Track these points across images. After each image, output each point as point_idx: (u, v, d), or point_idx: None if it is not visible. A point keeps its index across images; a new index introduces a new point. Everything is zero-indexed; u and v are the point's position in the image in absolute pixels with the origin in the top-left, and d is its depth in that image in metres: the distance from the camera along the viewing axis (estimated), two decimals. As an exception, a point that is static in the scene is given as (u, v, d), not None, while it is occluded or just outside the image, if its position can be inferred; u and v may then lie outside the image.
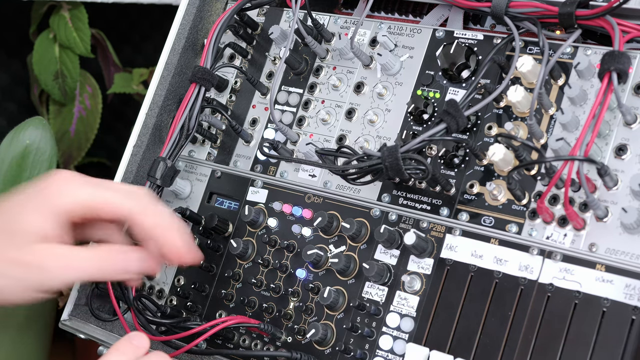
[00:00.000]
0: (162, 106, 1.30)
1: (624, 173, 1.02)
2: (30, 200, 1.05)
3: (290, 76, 1.26)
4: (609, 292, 0.98)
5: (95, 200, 1.05)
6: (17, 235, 1.03)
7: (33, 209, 1.04)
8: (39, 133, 1.47)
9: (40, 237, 1.03)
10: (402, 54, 1.19)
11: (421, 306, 1.08)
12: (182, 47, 1.31)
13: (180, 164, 1.31)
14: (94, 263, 1.05)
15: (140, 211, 1.06)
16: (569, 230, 1.03)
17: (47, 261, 1.03)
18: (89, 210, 1.05)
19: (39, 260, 1.03)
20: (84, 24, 1.84)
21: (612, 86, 0.99)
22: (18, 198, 1.06)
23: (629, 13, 1.05)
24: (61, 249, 1.04)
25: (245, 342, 1.17)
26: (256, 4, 1.28)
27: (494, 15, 1.10)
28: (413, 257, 1.10)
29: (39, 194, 1.05)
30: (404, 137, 1.15)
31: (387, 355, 1.09)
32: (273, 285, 1.17)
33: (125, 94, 1.94)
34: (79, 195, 1.05)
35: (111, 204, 1.05)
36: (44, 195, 1.04)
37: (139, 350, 1.01)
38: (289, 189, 1.21)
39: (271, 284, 1.18)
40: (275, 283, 1.18)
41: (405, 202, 1.13)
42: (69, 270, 1.04)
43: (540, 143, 1.07)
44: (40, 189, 1.05)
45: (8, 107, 2.02)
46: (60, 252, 1.04)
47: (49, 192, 1.04)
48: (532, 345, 1.00)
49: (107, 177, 1.15)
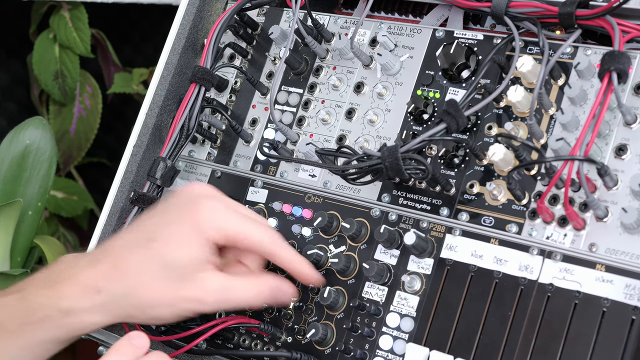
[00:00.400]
0: (162, 106, 1.30)
1: (624, 173, 1.02)
2: (181, 226, 1.05)
3: (290, 76, 1.26)
4: (609, 292, 0.98)
5: (240, 232, 1.07)
6: (174, 265, 1.04)
7: (187, 238, 1.05)
8: (39, 133, 1.47)
9: (197, 266, 1.05)
10: (402, 54, 1.19)
11: (421, 306, 1.08)
12: (182, 47, 1.31)
13: (180, 164, 1.31)
14: (250, 296, 1.08)
15: (274, 249, 1.09)
16: (569, 230, 1.03)
17: (207, 296, 1.05)
18: (231, 240, 1.07)
19: (200, 296, 1.04)
20: (84, 24, 1.84)
21: (612, 86, 0.99)
22: (165, 219, 1.06)
23: (629, 13, 1.05)
24: (219, 281, 1.05)
25: (245, 342, 1.17)
26: (256, 4, 1.28)
27: (494, 15, 1.10)
28: (413, 257, 1.10)
29: (190, 221, 1.05)
30: (404, 137, 1.15)
31: (387, 355, 1.08)
32: (273, 285, 1.17)
33: (125, 94, 1.94)
34: (227, 226, 1.06)
35: (251, 238, 1.07)
36: (195, 223, 1.05)
37: (139, 350, 1.01)
38: (289, 189, 1.21)
39: (271, 284, 1.18)
40: (275, 283, 1.18)
41: (405, 202, 1.13)
42: (225, 303, 1.07)
43: (540, 143, 1.07)
44: (189, 213, 1.06)
45: (8, 107, 2.02)
46: (219, 284, 1.05)
47: (201, 219, 1.05)
48: (532, 345, 1.00)
49: (107, 177, 1.15)
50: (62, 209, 1.90)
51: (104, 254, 1.07)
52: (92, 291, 1.04)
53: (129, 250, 1.05)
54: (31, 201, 1.46)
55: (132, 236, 1.07)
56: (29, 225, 1.47)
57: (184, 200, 1.08)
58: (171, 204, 1.08)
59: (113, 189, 1.29)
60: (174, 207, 1.08)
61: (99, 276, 1.04)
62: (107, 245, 1.08)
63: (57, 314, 1.04)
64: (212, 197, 1.08)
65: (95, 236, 1.28)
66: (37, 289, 1.05)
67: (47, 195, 1.47)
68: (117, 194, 1.28)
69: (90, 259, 1.06)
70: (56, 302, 1.04)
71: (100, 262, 1.05)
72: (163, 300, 1.04)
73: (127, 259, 1.05)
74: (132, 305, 1.04)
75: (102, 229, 1.28)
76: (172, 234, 1.05)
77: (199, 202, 1.07)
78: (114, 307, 1.04)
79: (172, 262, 1.04)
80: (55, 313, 1.04)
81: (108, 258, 1.06)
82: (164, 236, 1.05)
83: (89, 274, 1.05)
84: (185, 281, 1.04)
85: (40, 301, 1.04)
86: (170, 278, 1.04)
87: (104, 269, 1.05)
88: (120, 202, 1.28)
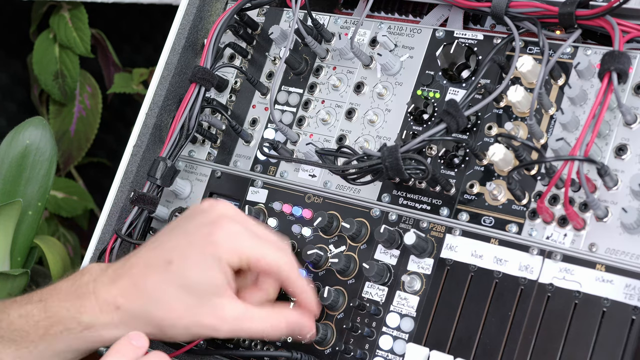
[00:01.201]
0: (162, 106, 1.30)
1: (624, 173, 1.02)
2: (200, 249, 1.04)
3: (290, 76, 1.26)
4: (609, 292, 0.98)
5: (258, 256, 1.06)
6: (192, 288, 1.04)
7: (205, 261, 1.04)
8: (39, 133, 1.47)
9: (215, 290, 1.04)
10: (402, 54, 1.19)
11: (421, 306, 1.08)
12: (182, 47, 1.31)
13: (180, 164, 1.30)
14: (266, 328, 1.07)
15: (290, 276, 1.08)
16: (569, 230, 1.03)
17: (222, 325, 1.04)
18: (249, 264, 1.06)
19: (215, 324, 1.04)
20: (84, 24, 1.84)
21: (612, 86, 0.99)
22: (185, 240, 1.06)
23: (629, 13, 1.05)
24: (236, 310, 1.05)
25: (245, 342, 1.17)
26: (256, 4, 1.28)
27: (494, 15, 1.10)
28: (413, 257, 1.10)
29: (209, 244, 1.04)
30: (404, 137, 1.15)
31: (387, 355, 1.08)
32: (273, 285, 1.17)
33: (125, 94, 1.94)
34: (246, 250, 1.05)
35: (269, 262, 1.06)
36: (214, 246, 1.04)
37: (139, 350, 1.01)
38: (289, 189, 1.21)
39: (271, 284, 1.18)
40: (275, 283, 1.18)
41: (405, 202, 1.13)
42: (240, 333, 1.07)
43: (540, 143, 1.07)
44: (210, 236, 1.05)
45: (8, 107, 2.02)
46: (236, 313, 1.05)
47: (220, 243, 1.04)
48: (532, 345, 1.00)
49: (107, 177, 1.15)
50: (62, 209, 1.90)
51: (124, 269, 1.06)
52: (111, 307, 1.04)
53: (149, 270, 1.05)
54: (31, 201, 1.46)
55: (153, 254, 1.06)
56: (29, 225, 1.47)
57: (205, 221, 1.07)
58: (192, 224, 1.07)
59: (113, 189, 1.29)
60: (195, 227, 1.07)
61: (118, 293, 1.05)
62: (129, 261, 1.07)
63: (77, 326, 1.05)
64: (232, 219, 1.07)
65: (95, 236, 1.28)
66: (59, 301, 1.06)
67: (47, 195, 1.47)
68: (117, 194, 1.28)
69: (112, 275, 1.06)
70: (77, 315, 1.05)
71: (121, 279, 1.05)
72: (180, 322, 1.04)
73: (147, 278, 1.05)
74: (150, 324, 1.05)
75: (102, 229, 1.28)
76: (191, 256, 1.04)
77: (219, 223, 1.06)
78: (133, 323, 1.05)
79: (191, 285, 1.04)
80: (75, 326, 1.05)
81: (128, 275, 1.06)
82: (183, 258, 1.05)
83: (109, 290, 1.05)
84: (202, 306, 1.04)
85: (61, 314, 1.05)
86: (187, 301, 1.04)
87: (124, 286, 1.05)
88: (120, 202, 1.28)
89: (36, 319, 1.05)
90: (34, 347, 1.05)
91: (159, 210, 1.24)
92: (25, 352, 1.05)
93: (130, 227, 1.21)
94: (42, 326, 1.05)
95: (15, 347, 1.05)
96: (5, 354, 1.06)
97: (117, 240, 1.21)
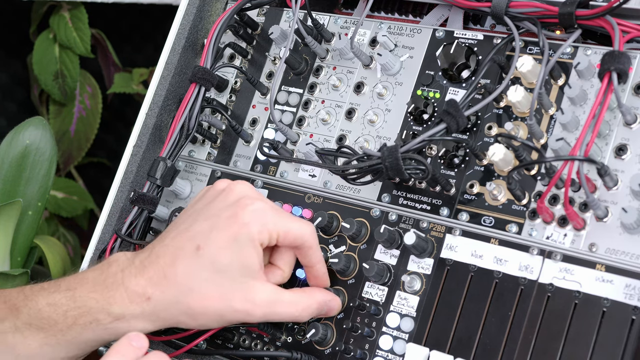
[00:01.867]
0: (162, 106, 1.30)
1: (624, 173, 1.02)
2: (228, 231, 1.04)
3: (290, 76, 1.26)
4: (609, 292, 0.98)
5: (285, 229, 1.06)
6: (224, 271, 1.04)
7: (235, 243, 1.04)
8: (39, 133, 1.47)
9: (247, 272, 1.05)
10: (402, 54, 1.19)
11: (421, 306, 1.08)
12: (182, 47, 1.31)
13: (180, 164, 1.30)
14: (298, 310, 1.07)
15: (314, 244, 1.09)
16: (569, 230, 1.03)
17: (255, 310, 1.05)
18: (278, 239, 1.07)
19: (249, 309, 1.05)
20: (84, 24, 1.84)
21: (612, 86, 0.99)
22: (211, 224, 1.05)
23: (629, 13, 1.05)
24: (269, 294, 1.06)
25: (245, 342, 1.17)
26: (256, 4, 1.28)
27: (494, 15, 1.10)
28: (413, 257, 1.10)
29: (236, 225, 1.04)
30: (404, 137, 1.15)
31: (387, 355, 1.08)
32: (273, 285, 1.17)
33: (125, 94, 1.94)
34: (273, 226, 1.06)
35: (295, 232, 1.07)
36: (242, 227, 1.04)
37: (139, 351, 1.01)
38: (289, 189, 1.21)
39: (271, 284, 1.18)
40: (275, 283, 1.18)
41: (405, 202, 1.13)
42: (273, 317, 1.07)
43: (540, 143, 1.07)
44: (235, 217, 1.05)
45: (8, 107, 2.02)
46: (268, 297, 1.05)
47: (247, 223, 1.05)
48: (532, 345, 1.00)
49: (107, 177, 1.15)
50: (62, 209, 1.90)
51: (150, 259, 1.06)
52: (142, 298, 1.04)
53: (177, 258, 1.05)
54: (31, 201, 1.46)
55: (179, 242, 1.06)
56: (29, 225, 1.47)
57: (227, 203, 1.07)
58: (214, 207, 1.07)
59: (113, 189, 1.29)
60: (218, 210, 1.07)
61: (148, 283, 1.04)
62: (154, 250, 1.07)
63: (106, 317, 1.05)
64: (254, 198, 1.07)
65: (95, 236, 1.28)
66: (87, 292, 1.06)
67: (47, 195, 1.47)
68: (117, 194, 1.28)
69: (139, 265, 1.06)
70: (106, 307, 1.04)
71: (148, 269, 1.05)
72: (212, 308, 1.04)
73: (176, 266, 1.04)
74: (182, 312, 1.05)
75: (102, 229, 1.28)
76: (220, 240, 1.04)
77: (242, 203, 1.06)
78: (164, 314, 1.05)
79: (223, 268, 1.04)
80: (104, 317, 1.05)
81: (156, 265, 1.05)
82: (211, 242, 1.04)
83: (138, 282, 1.05)
84: (235, 290, 1.04)
85: (89, 304, 1.05)
86: (221, 285, 1.04)
87: (153, 276, 1.05)
88: (120, 202, 1.28)
89: (64, 309, 1.05)
90: (62, 336, 1.05)
91: (159, 210, 1.24)
92: (54, 340, 1.05)
93: (130, 227, 1.21)
94: (70, 316, 1.05)
95: (43, 334, 1.06)
96: (33, 339, 1.06)
97: (117, 240, 1.21)
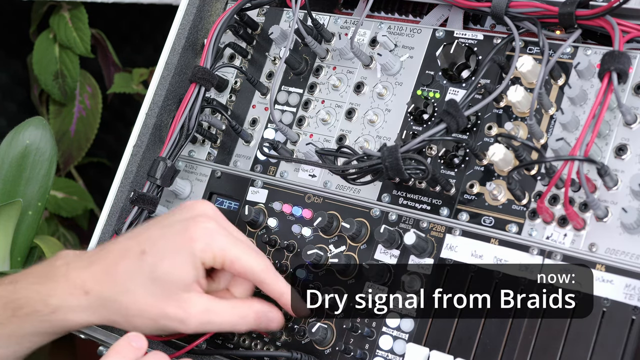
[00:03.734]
0: (162, 106, 1.30)
1: (624, 173, 1.02)
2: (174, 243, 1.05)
3: (290, 76, 1.26)
4: (609, 292, 0.98)
5: (232, 256, 1.06)
6: (161, 280, 1.05)
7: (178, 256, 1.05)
8: (39, 133, 1.47)
9: (183, 285, 1.05)
10: (402, 54, 1.19)
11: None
12: (182, 47, 1.31)
13: (180, 164, 1.30)
14: (234, 319, 1.07)
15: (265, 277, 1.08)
16: (569, 230, 1.03)
17: (189, 317, 1.05)
18: (223, 264, 1.06)
19: (182, 316, 1.05)
20: (84, 24, 1.84)
21: (612, 86, 0.99)
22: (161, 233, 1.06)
23: (629, 13, 1.05)
24: (203, 303, 1.06)
25: (245, 342, 1.17)
26: (256, 4, 1.28)
27: (494, 15, 1.10)
28: (413, 257, 1.10)
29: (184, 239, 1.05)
30: (404, 137, 1.15)
31: (387, 355, 1.08)
32: (273, 285, 1.17)
33: (125, 94, 1.94)
34: (219, 249, 1.06)
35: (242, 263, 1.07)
36: (189, 242, 1.05)
37: (138, 351, 1.02)
38: (289, 189, 1.21)
39: (271, 284, 1.18)
40: (275, 283, 1.18)
41: (405, 202, 1.13)
42: (208, 326, 1.07)
43: (540, 143, 1.07)
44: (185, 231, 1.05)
45: (8, 107, 2.02)
46: (203, 306, 1.05)
47: (195, 239, 1.05)
48: (532, 345, 1.00)
49: (107, 177, 1.15)
50: (62, 209, 1.90)
51: (99, 256, 1.08)
52: (81, 291, 1.05)
53: (122, 258, 1.06)
54: (31, 201, 1.46)
55: (129, 244, 1.08)
56: (29, 225, 1.47)
57: (184, 217, 1.08)
58: (171, 219, 1.09)
59: (113, 189, 1.29)
60: (173, 222, 1.08)
61: (89, 278, 1.06)
62: (105, 248, 1.09)
63: (45, 308, 1.05)
64: (211, 217, 1.08)
65: (95, 236, 1.28)
66: (30, 283, 1.07)
67: (47, 195, 1.47)
68: (117, 194, 1.28)
69: (86, 260, 1.08)
70: (46, 298, 1.05)
71: (94, 265, 1.07)
72: (146, 312, 1.05)
73: (118, 266, 1.06)
74: (116, 311, 1.06)
75: (102, 229, 1.28)
76: (165, 249, 1.05)
77: (196, 221, 1.07)
78: (101, 309, 1.06)
79: (160, 276, 1.05)
80: (43, 307, 1.06)
81: (102, 261, 1.07)
82: (156, 250, 1.06)
83: (80, 275, 1.06)
84: (169, 299, 1.05)
85: (30, 296, 1.06)
86: (155, 292, 1.05)
87: (96, 271, 1.06)
88: (120, 202, 1.28)
89: (4, 301, 1.06)
90: (2, 329, 1.06)
91: (158, 210, 1.24)
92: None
93: (130, 227, 1.21)
94: (10, 308, 1.06)
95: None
96: None
97: (117, 240, 1.21)
